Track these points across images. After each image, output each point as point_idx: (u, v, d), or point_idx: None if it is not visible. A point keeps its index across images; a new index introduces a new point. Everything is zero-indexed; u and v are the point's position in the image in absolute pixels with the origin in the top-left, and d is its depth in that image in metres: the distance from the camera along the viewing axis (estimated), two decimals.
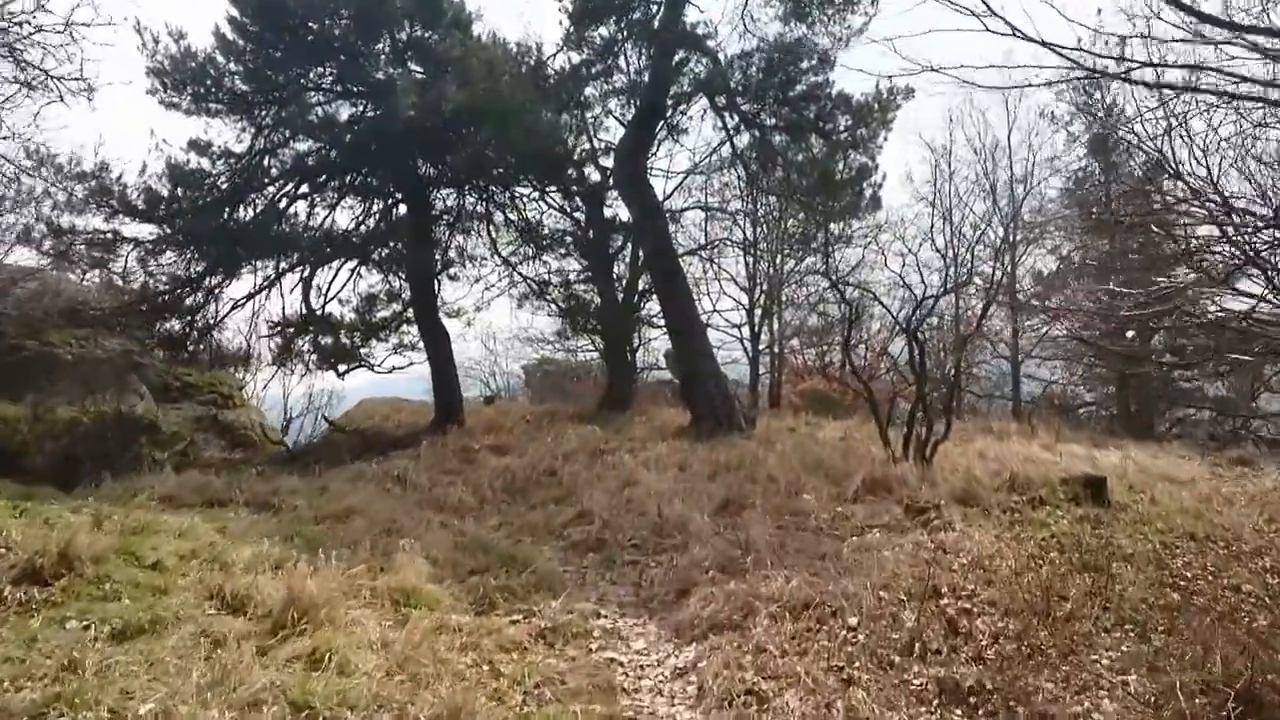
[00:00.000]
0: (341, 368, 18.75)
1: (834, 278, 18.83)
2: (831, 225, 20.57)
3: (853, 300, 15.11)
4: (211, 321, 17.41)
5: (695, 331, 18.33)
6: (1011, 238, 26.68)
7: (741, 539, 8.84)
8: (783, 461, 13.52)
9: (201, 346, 17.96)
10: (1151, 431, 24.75)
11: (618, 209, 20.56)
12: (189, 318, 17.28)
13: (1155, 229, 9.62)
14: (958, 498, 10.87)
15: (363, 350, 19.68)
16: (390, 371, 19.54)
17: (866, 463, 12.94)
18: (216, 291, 17.14)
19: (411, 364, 19.79)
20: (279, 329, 18.12)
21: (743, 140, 20.39)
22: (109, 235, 15.02)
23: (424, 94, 14.80)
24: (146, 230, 15.58)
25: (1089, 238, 28.10)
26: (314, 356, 18.84)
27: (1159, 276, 9.91)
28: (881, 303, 15.52)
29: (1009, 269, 26.29)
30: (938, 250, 18.35)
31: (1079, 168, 27.08)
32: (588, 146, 19.91)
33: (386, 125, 15.26)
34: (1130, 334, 25.86)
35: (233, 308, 17.26)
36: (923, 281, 14.11)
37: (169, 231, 15.46)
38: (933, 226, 26.10)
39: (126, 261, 15.59)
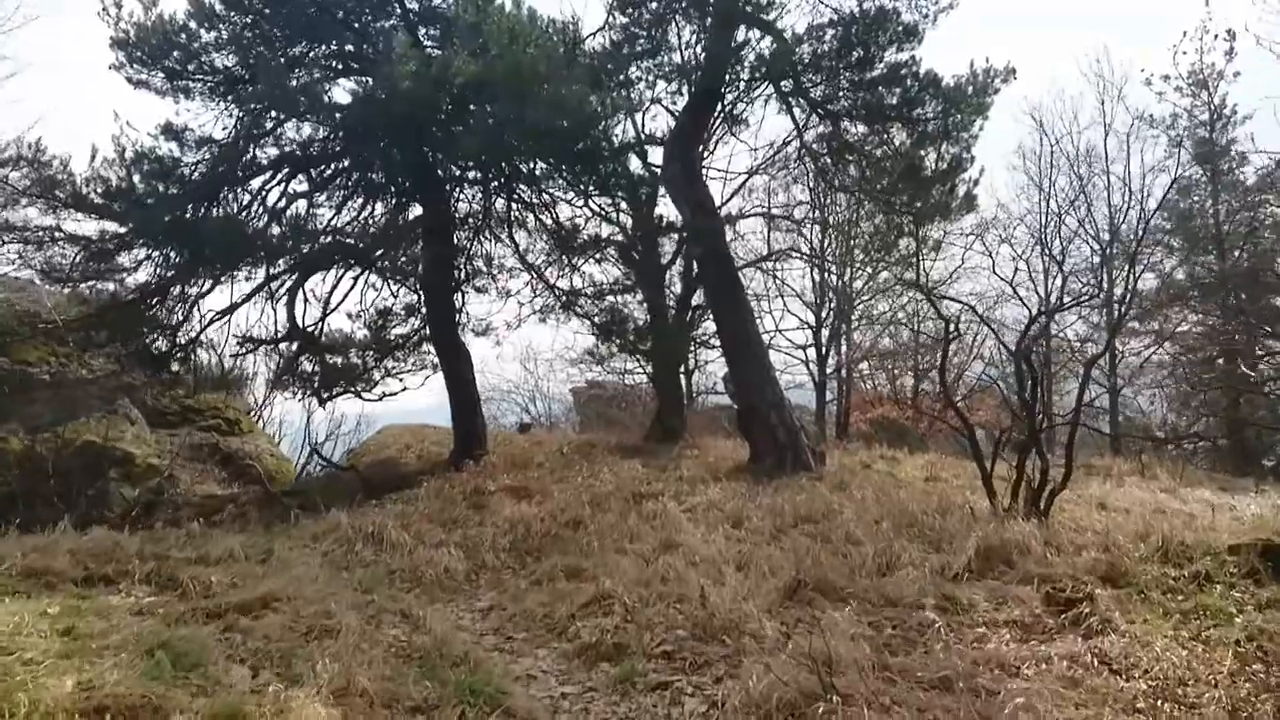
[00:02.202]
0: (325, 394, 16.25)
1: (927, 289, 15.89)
2: (920, 229, 17.73)
3: (950, 316, 12.23)
4: (195, 336, 14.93)
5: (756, 352, 15.72)
6: (1107, 251, 23.74)
7: (821, 651, 6.05)
8: (863, 514, 10.85)
9: (186, 367, 15.54)
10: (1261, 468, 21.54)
11: (666, 209, 17.91)
12: (169, 332, 14.85)
13: None
14: (1101, 574, 7.99)
15: (375, 372, 17.30)
16: (380, 399, 17.03)
17: (968, 518, 10.32)
18: (198, 301, 14.73)
19: (405, 389, 17.29)
20: (257, 346, 15.65)
21: (812, 133, 17.82)
22: (49, 233, 12.59)
23: (428, 63, 12.27)
24: (97, 228, 13.18)
25: (1196, 253, 25.25)
26: (317, 378, 16.43)
27: None
28: (984, 319, 12.77)
29: (1106, 285, 23.26)
30: (1052, 256, 15.49)
31: (1182, 175, 24.30)
32: (631, 136, 17.24)
33: (390, 105, 12.78)
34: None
35: (213, 320, 14.78)
36: (1040, 294, 11.39)
37: (129, 229, 13.01)
38: (1044, 227, 23.13)
39: (73, 265, 13.12)
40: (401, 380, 17.23)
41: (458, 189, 16.76)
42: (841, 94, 16.12)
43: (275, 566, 8.52)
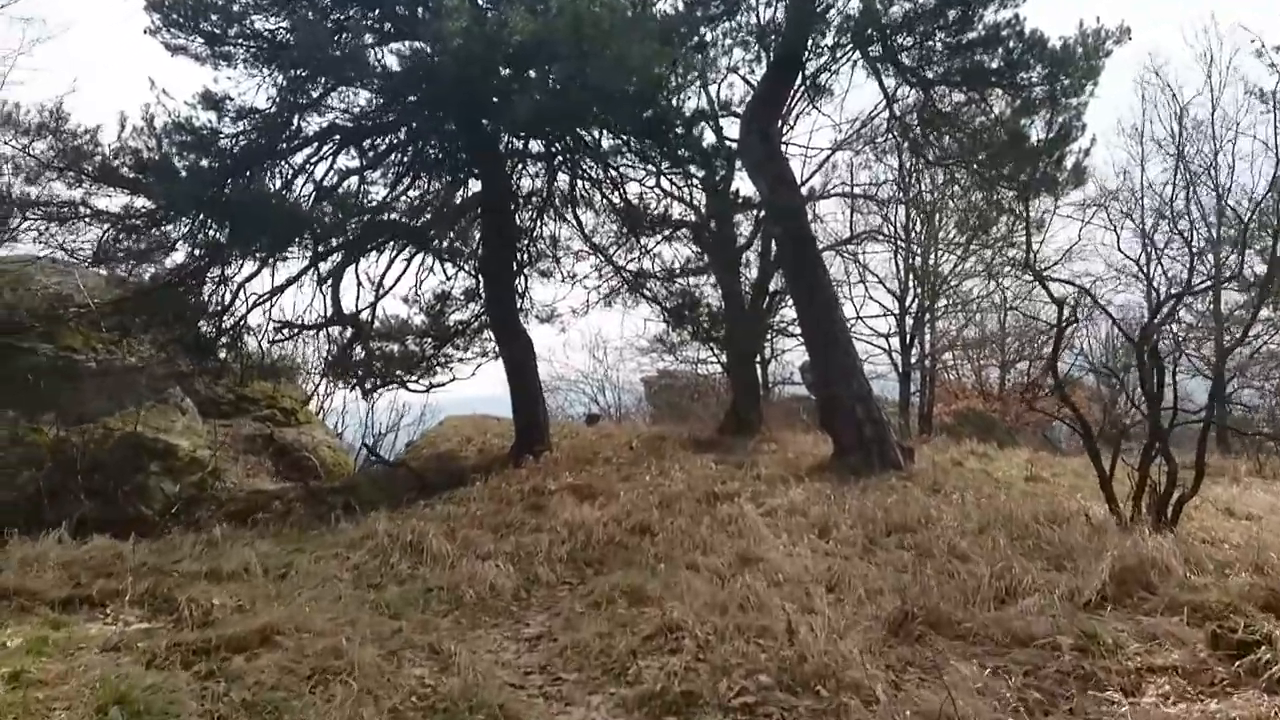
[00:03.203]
0: (371, 384, 15.25)
1: (1037, 270, 14.31)
2: (1026, 205, 16.14)
3: (1064, 299, 10.80)
4: (238, 321, 13.97)
5: (840, 340, 14.34)
6: (1216, 234, 21.82)
7: (941, 710, 4.80)
8: (965, 522, 9.56)
9: (233, 354, 14.62)
10: None
11: (742, 186, 16.61)
12: (213, 317, 13.93)
13: None
14: (1260, 602, 6.59)
15: (436, 361, 16.32)
16: (428, 390, 16.01)
17: (1086, 527, 9.07)
18: (244, 285, 13.76)
19: (454, 379, 16.27)
20: (298, 331, 14.68)
21: (902, 103, 16.37)
22: (73, 209, 11.65)
23: (481, 19, 11.12)
24: (122, 204, 12.21)
25: None
26: (370, 367, 15.46)
27: None
28: (1100, 304, 11.34)
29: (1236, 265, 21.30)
30: (1179, 234, 13.88)
31: None
32: (704, 106, 15.95)
33: (440, 68, 11.67)
34: None
35: (256, 303, 13.79)
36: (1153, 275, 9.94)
37: (162, 206, 12.05)
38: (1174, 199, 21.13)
39: (102, 243, 12.18)
40: (451, 370, 16.28)
41: (519, 165, 15.63)
42: (936, 58, 14.66)
43: (293, 584, 7.42)
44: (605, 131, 14.29)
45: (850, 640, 5.99)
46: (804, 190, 18.38)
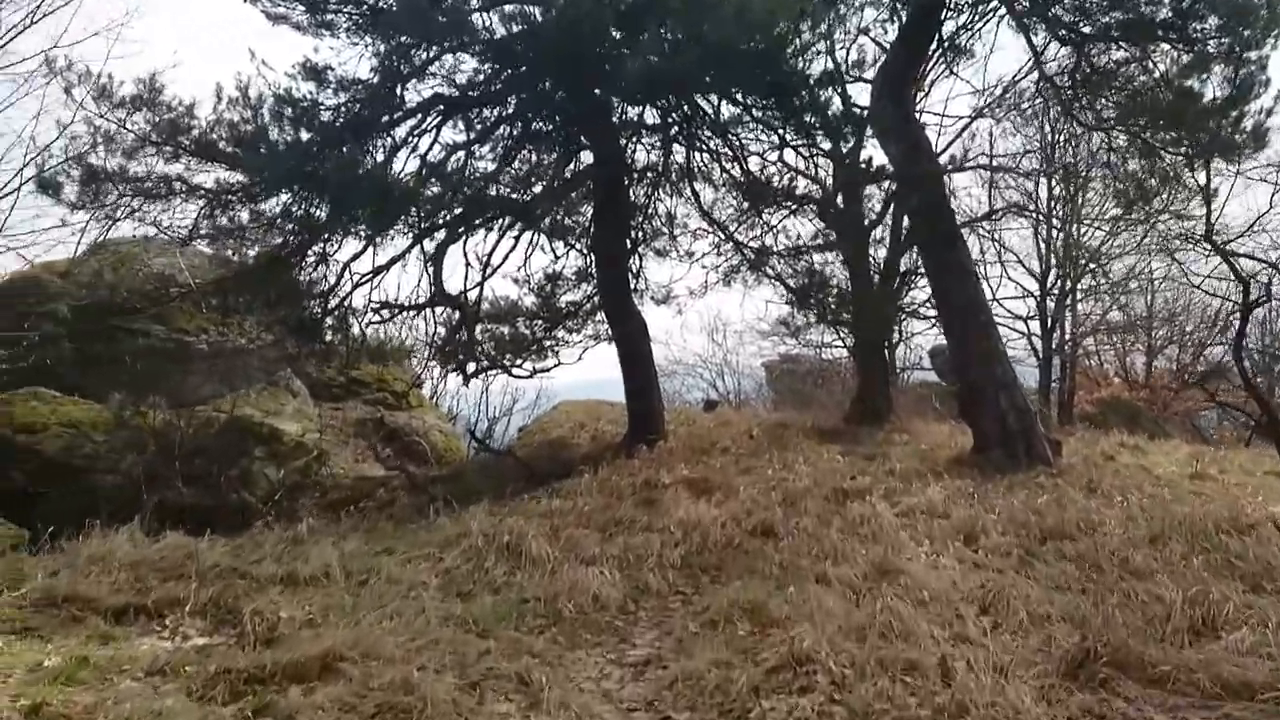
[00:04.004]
0: (472, 369, 14.59)
1: (1219, 243, 12.71)
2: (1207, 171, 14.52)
3: (1250, 275, 9.45)
4: (341, 301, 13.44)
5: (983, 323, 13.08)
6: None
7: None
8: (1132, 528, 8.44)
9: (340, 336, 14.11)
10: None
11: (873, 155, 15.43)
12: (318, 298, 13.42)
13: None
14: None
15: (546, 344, 15.63)
16: (531, 376, 15.30)
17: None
18: (349, 264, 13.20)
19: (559, 364, 15.54)
20: (397, 312, 14.04)
21: (1052, 63, 14.91)
22: (167, 184, 11.15)
23: None
24: (215, 179, 11.68)
25: None
26: (481, 349, 14.85)
27: None
28: None
29: None
30: None
31: None
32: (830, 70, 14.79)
33: (546, 28, 10.88)
34: None
35: (359, 283, 13.17)
36: None
37: (259, 181, 11.51)
38: None
39: (199, 221, 11.71)
40: (557, 355, 15.60)
41: (633, 137, 14.73)
42: (1094, 10, 13.21)
43: (373, 593, 6.68)
44: (724, 100, 13.29)
45: (1018, 683, 4.98)
46: (940, 161, 17.12)
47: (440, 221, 13.12)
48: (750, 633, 6.11)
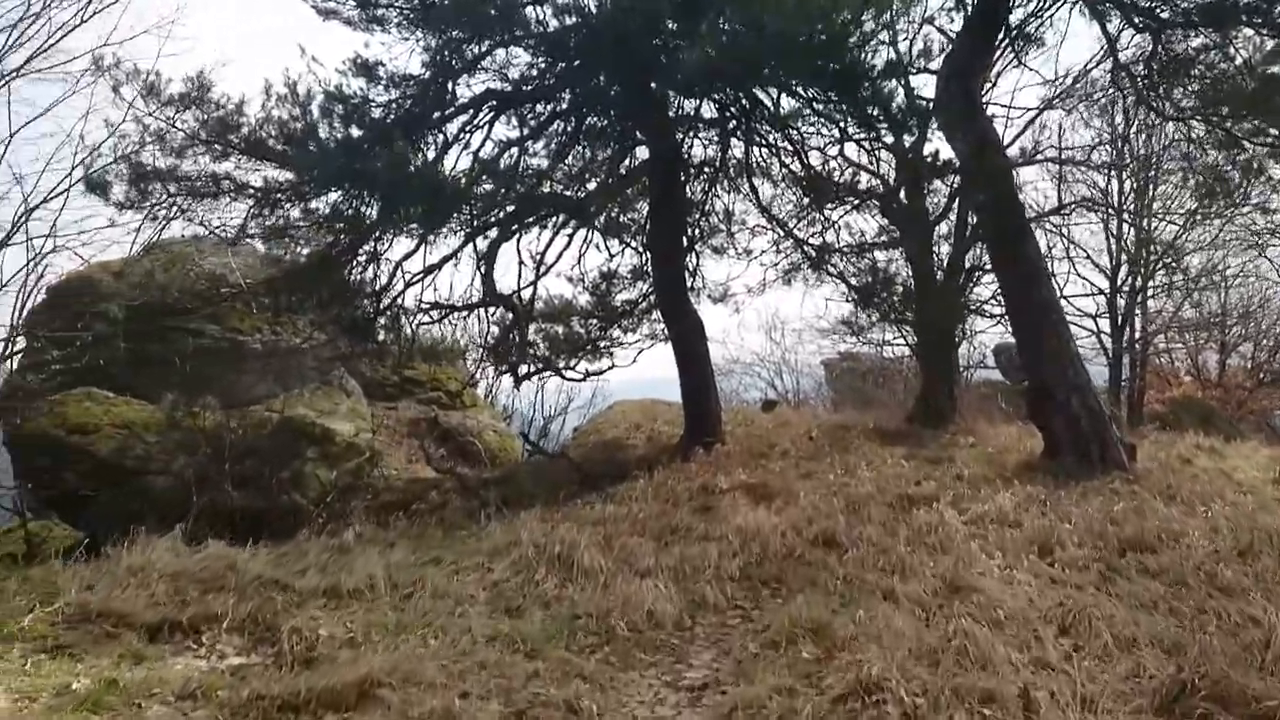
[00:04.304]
0: (521, 370, 14.40)
1: None
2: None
3: None
4: (394, 300, 13.34)
5: (1053, 321, 12.61)
6: None
7: None
8: (1218, 540, 8.11)
9: (393, 335, 14.00)
10: None
11: (939, 147, 14.98)
12: (370, 297, 13.32)
13: None
14: None
15: (601, 344, 15.40)
16: (584, 378, 15.07)
17: None
18: (401, 263, 13.10)
19: (613, 366, 15.31)
20: (447, 312, 13.87)
21: (1127, 51, 14.35)
22: (215, 183, 11.06)
23: None
24: (263, 177, 11.60)
25: None
26: (533, 349, 14.69)
27: None
28: None
29: None
30: None
31: None
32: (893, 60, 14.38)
33: (600, 18, 10.62)
34: None
35: (410, 283, 13.11)
36: None
37: (309, 178, 11.40)
38: None
39: (248, 220, 11.63)
40: (611, 357, 15.36)
41: (690, 131, 14.42)
42: None
43: (419, 608, 6.42)
44: (784, 92, 12.94)
45: (1107, 718, 4.59)
46: (1008, 154, 16.62)
47: (493, 219, 13.00)
48: (814, 655, 5.76)
